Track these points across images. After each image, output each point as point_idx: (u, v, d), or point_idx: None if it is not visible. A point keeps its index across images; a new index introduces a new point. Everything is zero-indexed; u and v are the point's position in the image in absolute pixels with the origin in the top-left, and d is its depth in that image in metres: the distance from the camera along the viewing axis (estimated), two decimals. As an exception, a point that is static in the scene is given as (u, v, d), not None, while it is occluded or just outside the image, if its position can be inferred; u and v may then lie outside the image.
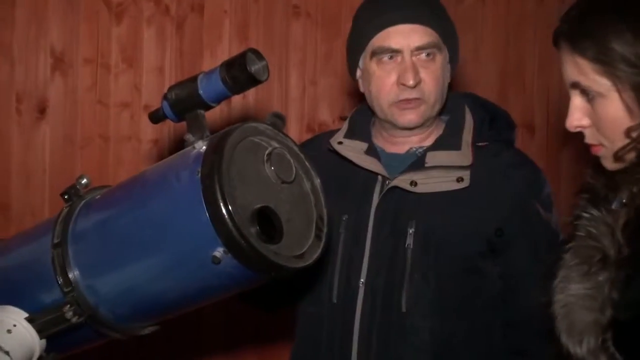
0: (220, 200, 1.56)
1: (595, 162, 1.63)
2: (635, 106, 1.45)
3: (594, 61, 1.48)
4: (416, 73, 2.18)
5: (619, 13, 1.45)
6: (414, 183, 2.19)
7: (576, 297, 1.57)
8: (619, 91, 1.47)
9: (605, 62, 1.46)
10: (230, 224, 1.56)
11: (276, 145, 1.74)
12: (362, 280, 2.22)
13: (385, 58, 2.21)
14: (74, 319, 1.74)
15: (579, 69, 1.51)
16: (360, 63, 2.29)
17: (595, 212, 1.59)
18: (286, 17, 3.44)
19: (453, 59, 2.31)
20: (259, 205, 1.65)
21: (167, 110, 1.77)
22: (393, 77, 2.20)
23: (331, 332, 2.25)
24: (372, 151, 2.31)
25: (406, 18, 2.20)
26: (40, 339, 1.76)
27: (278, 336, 3.28)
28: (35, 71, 3.20)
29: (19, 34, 3.18)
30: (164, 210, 1.68)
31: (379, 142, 2.36)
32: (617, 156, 1.53)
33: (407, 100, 2.21)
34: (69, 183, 1.90)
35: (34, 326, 1.76)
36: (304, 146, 1.88)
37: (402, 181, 2.21)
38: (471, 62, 3.51)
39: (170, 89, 1.76)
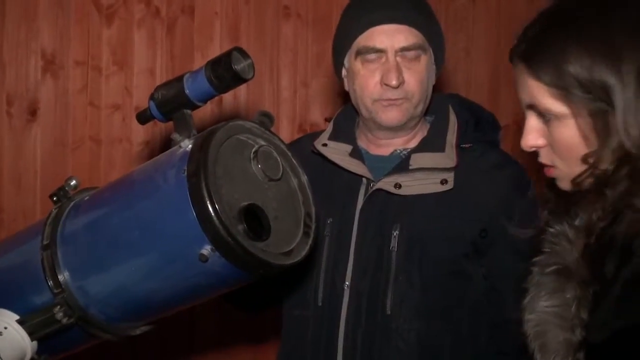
0: (207, 198, 1.56)
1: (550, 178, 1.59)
2: (591, 133, 1.41)
3: (550, 85, 1.43)
4: (399, 73, 2.18)
5: (577, 37, 1.40)
6: (398, 185, 2.19)
7: (546, 315, 1.54)
8: (574, 117, 1.42)
9: (561, 87, 1.41)
10: (217, 221, 1.56)
11: (263, 143, 1.75)
12: (347, 283, 2.22)
13: (370, 57, 2.21)
14: (65, 320, 1.74)
15: (535, 91, 1.47)
16: (346, 62, 2.29)
17: (558, 226, 1.55)
18: (277, 18, 3.44)
19: (438, 60, 2.31)
20: (246, 203, 1.65)
21: (154, 110, 1.78)
22: (377, 77, 2.20)
23: (316, 335, 2.25)
24: (356, 153, 2.30)
25: (391, 18, 2.19)
26: (32, 340, 1.76)
27: (272, 336, 3.28)
28: (26, 73, 3.20)
29: (10, 36, 3.18)
30: (151, 209, 1.68)
31: (363, 143, 2.35)
32: (575, 182, 1.48)
33: (393, 101, 2.20)
34: (60, 185, 1.91)
35: (25, 328, 1.75)
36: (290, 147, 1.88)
37: (387, 184, 2.21)
38: (463, 61, 3.52)
39: (157, 89, 1.76)
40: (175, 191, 1.61)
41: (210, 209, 1.56)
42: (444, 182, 2.19)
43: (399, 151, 2.30)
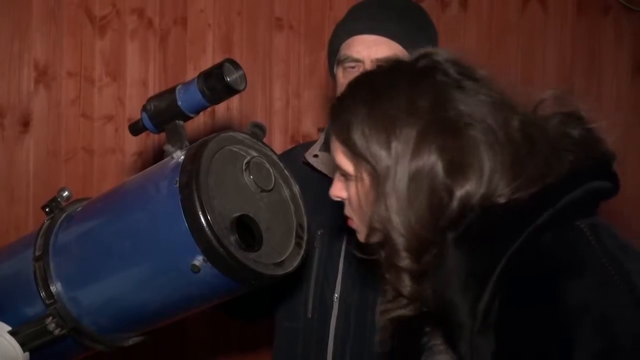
0: (199, 209, 1.57)
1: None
2: (369, 196, 1.48)
3: (340, 143, 1.51)
4: None
5: (365, 105, 1.47)
6: None
7: None
8: (357, 178, 1.50)
9: (347, 147, 1.49)
10: (209, 232, 1.57)
11: (255, 154, 1.75)
12: (336, 295, 2.22)
13: (348, 67, 2.21)
14: (57, 331, 1.74)
15: (334, 147, 1.54)
16: (335, 69, 2.30)
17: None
18: (269, 30, 3.45)
19: None
20: (238, 214, 1.66)
21: (147, 121, 1.78)
22: None
23: (306, 347, 2.24)
24: None
25: (371, 29, 2.19)
26: (24, 352, 1.76)
27: (264, 347, 3.27)
28: (19, 84, 3.20)
29: (2, 48, 3.18)
30: (143, 220, 1.69)
31: (355, 154, 2.35)
32: (366, 239, 1.55)
33: None
34: (52, 196, 1.91)
35: (17, 339, 1.76)
36: (282, 158, 1.88)
37: None
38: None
39: (149, 100, 1.77)
40: (168, 202, 1.62)
41: (202, 220, 1.57)
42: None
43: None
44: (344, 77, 2.21)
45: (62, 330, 1.74)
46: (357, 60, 2.18)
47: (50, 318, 1.74)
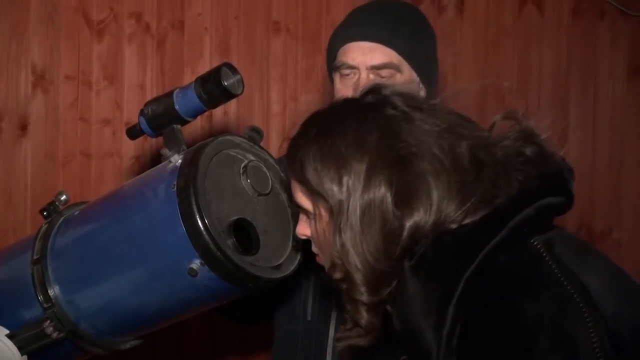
0: (196, 213, 1.57)
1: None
2: (329, 229, 1.49)
3: (297, 181, 1.53)
4: None
5: (316, 142, 1.50)
6: None
7: None
8: (316, 215, 1.52)
9: (302, 184, 1.51)
10: (206, 236, 1.57)
11: (252, 157, 1.76)
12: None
13: (345, 72, 2.21)
14: (55, 335, 1.75)
15: (293, 186, 1.56)
16: (332, 75, 2.30)
17: None
18: (266, 33, 3.46)
19: (427, 80, 2.26)
20: (235, 218, 1.67)
21: (144, 125, 1.79)
22: (348, 92, 2.20)
23: (305, 350, 2.24)
24: None
25: (365, 35, 2.18)
26: (22, 355, 1.77)
27: (262, 350, 3.28)
28: (16, 88, 3.21)
29: (0, 51, 3.19)
30: (141, 224, 1.69)
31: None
32: (331, 274, 1.56)
33: None
34: (50, 200, 1.92)
35: (14, 342, 1.76)
36: (278, 162, 1.89)
37: None
38: (450, 76, 3.53)
39: (147, 104, 1.78)
40: (165, 206, 1.63)
41: (200, 223, 1.58)
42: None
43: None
44: (340, 83, 2.22)
45: (59, 334, 1.75)
46: (352, 67, 2.18)
47: (48, 321, 1.74)
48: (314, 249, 1.61)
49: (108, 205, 1.82)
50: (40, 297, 1.77)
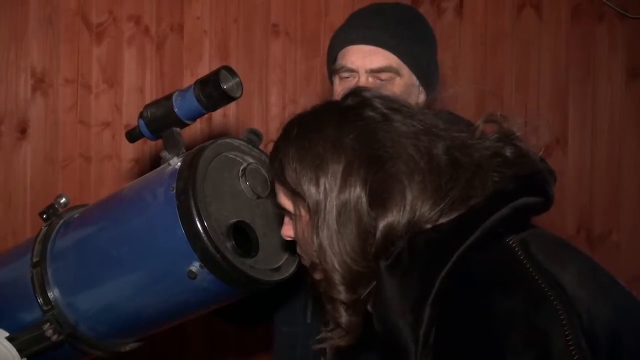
0: (195, 216, 1.58)
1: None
2: (309, 231, 1.50)
3: (278, 182, 1.55)
4: None
5: (293, 141, 1.52)
6: None
7: None
8: (297, 215, 1.53)
9: (285, 186, 1.52)
10: (205, 238, 1.58)
11: (251, 160, 1.76)
12: None
13: (344, 75, 2.21)
14: (54, 337, 1.75)
15: (276, 187, 1.58)
16: (332, 78, 2.30)
17: None
18: (265, 36, 3.46)
19: (427, 83, 2.27)
20: (234, 220, 1.67)
21: (144, 128, 1.79)
22: None
23: (305, 352, 2.24)
24: None
25: (364, 39, 2.18)
26: (22, 357, 1.77)
27: (261, 352, 3.28)
28: (16, 91, 3.21)
29: (-1, 55, 3.20)
30: (140, 227, 1.70)
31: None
32: (313, 275, 1.57)
33: None
34: (50, 203, 1.92)
35: (14, 345, 1.76)
36: None
37: None
38: (449, 79, 3.54)
39: (146, 107, 1.78)
40: (164, 208, 1.63)
41: (199, 226, 1.58)
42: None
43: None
44: (340, 86, 2.22)
45: (59, 336, 1.75)
46: (351, 70, 2.18)
47: (48, 324, 1.75)
48: (299, 250, 1.63)
49: (107, 208, 1.82)
50: (40, 300, 1.77)
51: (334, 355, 1.65)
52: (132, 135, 1.85)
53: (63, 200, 1.91)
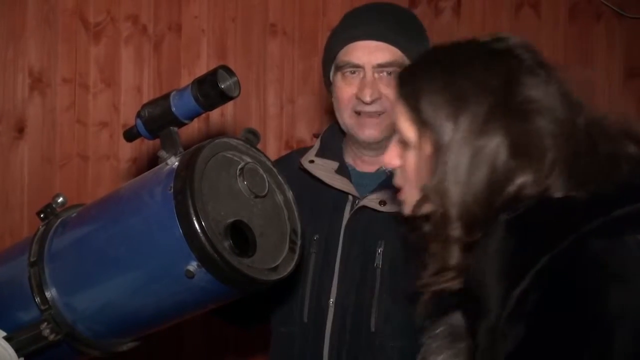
0: (193, 215, 1.58)
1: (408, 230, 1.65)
2: (428, 165, 1.50)
3: (408, 109, 1.52)
4: (374, 89, 2.18)
5: (439, 76, 1.50)
6: (383, 203, 2.19)
7: None
8: (419, 146, 1.52)
9: (414, 114, 1.51)
10: (203, 238, 1.58)
11: (248, 160, 1.76)
12: (331, 299, 2.21)
13: (348, 72, 2.22)
14: (52, 337, 1.75)
15: (398, 110, 1.56)
16: (331, 77, 2.31)
17: None
18: (263, 36, 3.46)
19: None
20: (232, 220, 1.67)
21: (141, 128, 1.79)
22: (353, 90, 2.21)
23: (302, 351, 2.25)
24: (343, 170, 2.30)
25: (370, 35, 2.21)
26: (19, 357, 1.77)
27: (259, 352, 3.28)
28: (14, 91, 3.21)
29: (-4, 54, 3.20)
30: (137, 226, 1.69)
31: (350, 160, 2.35)
32: (414, 210, 1.57)
33: (368, 115, 2.22)
34: (47, 202, 1.92)
35: (12, 345, 1.76)
36: (277, 163, 1.89)
37: (371, 201, 2.21)
38: (447, 78, 3.54)
39: (144, 107, 1.78)
40: (162, 208, 1.63)
41: (197, 225, 1.58)
42: (428, 198, 2.19)
43: (384, 168, 2.31)
44: (343, 82, 2.22)
45: (56, 336, 1.75)
46: (357, 66, 2.19)
47: (45, 324, 1.74)
48: (399, 181, 1.61)
49: (105, 208, 1.82)
50: (38, 300, 1.77)
51: (425, 303, 1.60)
52: (130, 135, 1.85)
53: (60, 199, 1.91)
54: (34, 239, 1.85)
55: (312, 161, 2.33)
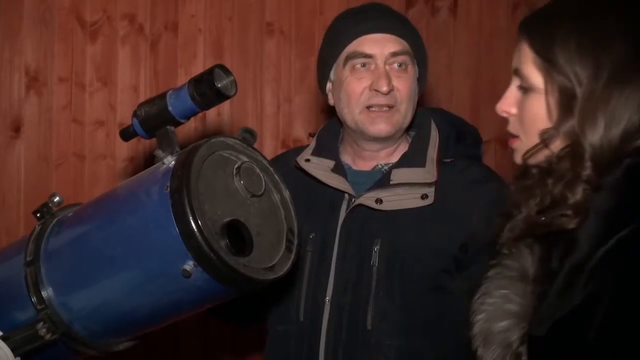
0: (190, 214, 1.58)
1: (515, 176, 1.65)
2: (555, 111, 1.49)
3: (536, 53, 1.52)
4: (389, 80, 2.20)
5: (573, 21, 1.49)
6: (379, 201, 2.19)
7: (493, 309, 1.62)
8: (546, 91, 1.51)
9: (544, 59, 1.50)
10: (199, 237, 1.57)
11: (245, 159, 1.76)
12: (327, 298, 2.22)
13: (358, 65, 2.22)
14: (48, 336, 1.74)
15: (523, 56, 1.55)
16: (332, 74, 2.30)
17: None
18: (260, 35, 3.46)
19: (422, 79, 2.33)
20: (228, 219, 1.67)
21: (137, 127, 1.79)
22: (365, 83, 2.22)
23: (298, 350, 2.25)
24: (338, 169, 2.31)
25: (380, 27, 2.23)
26: (15, 357, 1.76)
27: (255, 351, 3.28)
28: (10, 90, 3.20)
29: (-7, 53, 3.20)
30: (134, 225, 1.69)
31: (346, 158, 2.36)
32: (525, 156, 1.57)
33: (379, 109, 2.22)
34: (44, 202, 1.91)
35: (8, 344, 1.75)
36: (273, 162, 1.89)
37: (368, 199, 2.21)
38: (444, 78, 3.54)
39: (140, 106, 1.78)
40: (158, 207, 1.63)
41: (193, 225, 1.58)
42: (424, 197, 2.19)
43: (380, 166, 2.31)
44: (353, 77, 2.23)
45: (53, 335, 1.75)
46: (369, 56, 2.21)
47: (42, 323, 1.74)
48: (514, 128, 1.61)
49: (101, 207, 1.82)
50: (34, 299, 1.77)
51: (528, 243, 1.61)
52: (126, 134, 1.85)
53: (57, 199, 1.91)
54: (30, 239, 1.84)
55: (308, 160, 2.34)
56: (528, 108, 1.55)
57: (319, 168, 2.31)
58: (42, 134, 3.24)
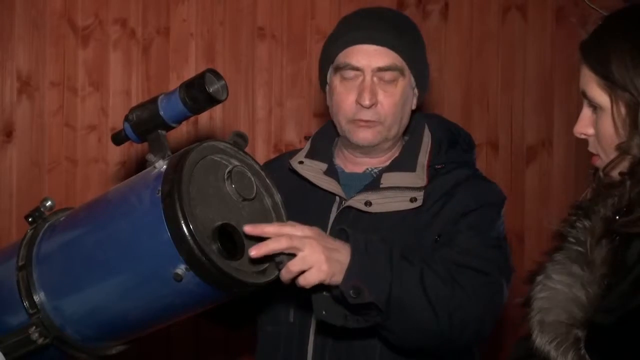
0: (181, 219, 1.58)
1: (594, 185, 1.71)
2: (624, 125, 1.55)
3: (597, 74, 1.58)
4: (373, 94, 2.19)
5: (626, 36, 1.56)
6: (368, 203, 2.20)
7: (553, 294, 1.64)
8: (612, 108, 1.57)
9: (605, 78, 1.56)
10: (191, 241, 1.58)
11: (236, 163, 1.77)
12: None
13: (347, 75, 2.23)
14: (40, 341, 1.75)
15: (586, 79, 1.62)
16: (328, 77, 2.31)
17: (586, 222, 1.67)
18: (252, 39, 3.46)
19: (421, 86, 2.31)
20: (220, 223, 1.67)
21: (129, 131, 1.79)
22: (352, 96, 2.21)
23: (287, 351, 2.25)
24: (331, 171, 2.31)
25: (371, 39, 2.21)
26: (7, 361, 1.77)
27: (248, 353, 3.28)
28: (1, 95, 3.21)
29: (-16, 58, 3.20)
30: (126, 230, 1.69)
31: (339, 161, 2.36)
32: (605, 170, 1.63)
33: (365, 122, 2.22)
34: (36, 206, 1.91)
35: (0, 349, 1.76)
36: (267, 165, 1.89)
37: (357, 201, 2.22)
38: (435, 81, 3.55)
39: (132, 110, 1.78)
40: (150, 211, 1.63)
41: (185, 228, 1.58)
42: (413, 200, 2.20)
43: (370, 169, 2.32)
44: (343, 88, 2.23)
45: (45, 340, 1.75)
46: (356, 69, 2.20)
47: (34, 327, 1.74)
48: (592, 149, 1.67)
49: (93, 212, 1.82)
50: (26, 303, 1.76)
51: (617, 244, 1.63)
52: (118, 138, 1.85)
53: (49, 203, 1.91)
54: (22, 243, 1.84)
55: (301, 162, 2.34)
56: (601, 127, 1.61)
57: (312, 170, 2.32)
58: (34, 138, 3.24)
